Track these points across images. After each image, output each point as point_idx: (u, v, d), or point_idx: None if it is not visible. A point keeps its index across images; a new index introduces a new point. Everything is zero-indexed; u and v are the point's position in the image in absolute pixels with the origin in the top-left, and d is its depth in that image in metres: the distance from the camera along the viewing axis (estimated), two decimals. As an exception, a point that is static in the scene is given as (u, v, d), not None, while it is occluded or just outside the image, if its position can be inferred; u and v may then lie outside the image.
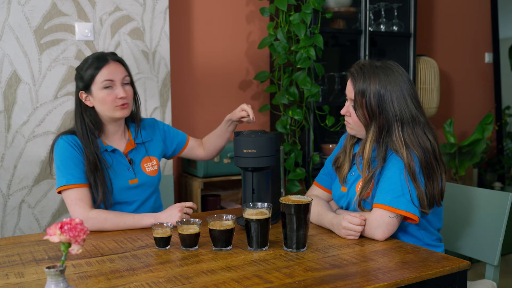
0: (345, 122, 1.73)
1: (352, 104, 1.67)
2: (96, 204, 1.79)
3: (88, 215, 1.71)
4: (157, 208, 1.98)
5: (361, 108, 1.64)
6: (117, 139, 1.90)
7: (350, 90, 1.68)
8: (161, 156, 2.01)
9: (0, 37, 2.36)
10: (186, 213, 1.74)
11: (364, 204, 1.63)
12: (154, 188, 1.95)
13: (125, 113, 1.83)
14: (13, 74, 2.39)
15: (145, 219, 1.73)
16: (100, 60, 1.82)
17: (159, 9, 2.69)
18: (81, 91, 1.83)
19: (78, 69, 1.85)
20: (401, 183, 1.56)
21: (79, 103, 1.85)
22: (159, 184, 2.00)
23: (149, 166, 1.93)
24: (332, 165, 1.82)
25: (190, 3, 3.02)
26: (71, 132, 1.85)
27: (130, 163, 1.89)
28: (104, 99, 1.80)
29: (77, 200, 1.74)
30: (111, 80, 1.80)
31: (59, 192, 1.78)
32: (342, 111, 1.72)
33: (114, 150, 1.86)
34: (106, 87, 1.80)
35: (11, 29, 2.37)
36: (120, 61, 1.86)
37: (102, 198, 1.78)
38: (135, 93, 1.90)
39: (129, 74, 1.87)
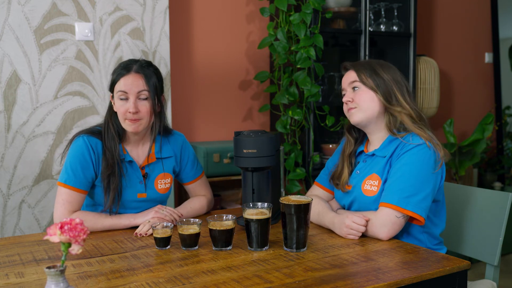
0: (349, 111, 1.71)
1: (355, 86, 1.70)
2: (104, 208, 1.78)
3: (67, 216, 1.72)
4: None
5: (368, 83, 1.68)
6: (138, 149, 1.86)
7: (350, 75, 1.72)
8: (175, 175, 1.97)
9: (0, 37, 2.36)
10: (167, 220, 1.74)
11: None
12: (161, 203, 1.91)
13: (135, 128, 1.76)
14: (13, 74, 2.39)
15: (123, 219, 1.74)
16: (124, 68, 1.78)
17: (159, 9, 2.69)
18: (111, 94, 1.82)
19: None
20: (413, 182, 1.56)
21: (110, 105, 1.83)
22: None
23: (163, 184, 1.88)
24: (329, 181, 1.82)
25: (190, 3, 3.02)
26: (95, 133, 1.81)
27: (144, 177, 1.85)
28: (118, 109, 1.78)
29: (65, 201, 1.75)
30: (125, 92, 1.75)
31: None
32: (344, 99, 1.72)
33: (131, 162, 1.82)
34: (121, 98, 1.76)
35: (11, 29, 2.38)
36: (144, 74, 1.77)
37: (111, 203, 1.76)
38: (157, 108, 1.80)
39: (152, 90, 1.77)
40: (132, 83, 1.75)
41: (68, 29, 2.49)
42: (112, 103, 1.82)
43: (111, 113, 1.82)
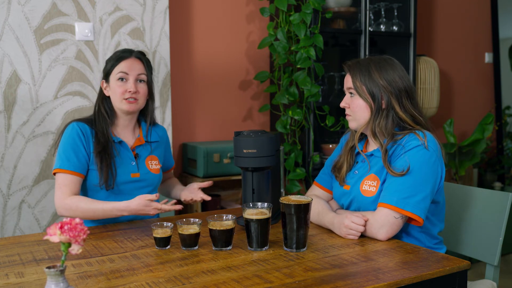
0: (346, 117, 1.75)
1: (350, 92, 1.71)
2: (99, 185, 1.82)
3: (64, 201, 1.77)
4: None
5: (362, 92, 1.67)
6: (127, 133, 1.95)
7: (347, 80, 1.72)
8: (161, 161, 2.03)
9: (0, 37, 2.36)
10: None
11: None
12: (154, 187, 1.97)
13: (132, 107, 1.88)
14: (13, 74, 2.39)
15: (115, 212, 1.75)
16: (123, 53, 1.90)
17: (159, 9, 2.69)
18: (103, 80, 1.93)
19: (107, 59, 1.94)
20: (411, 183, 1.56)
21: (101, 91, 1.94)
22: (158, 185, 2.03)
23: (153, 164, 1.97)
24: (331, 170, 1.82)
25: (190, 3, 3.02)
26: (84, 120, 1.90)
27: (135, 157, 1.93)
28: (115, 90, 1.88)
29: (61, 185, 1.79)
30: (126, 73, 1.87)
31: (54, 174, 1.84)
32: (341, 104, 1.74)
33: (120, 142, 1.90)
34: (120, 79, 1.86)
35: (11, 29, 2.37)
36: (142, 59, 1.91)
37: (106, 179, 1.81)
38: (151, 95, 1.95)
39: (148, 74, 1.92)
40: (133, 65, 1.88)
41: (68, 29, 2.49)
42: (103, 89, 1.92)
43: (103, 97, 1.93)
